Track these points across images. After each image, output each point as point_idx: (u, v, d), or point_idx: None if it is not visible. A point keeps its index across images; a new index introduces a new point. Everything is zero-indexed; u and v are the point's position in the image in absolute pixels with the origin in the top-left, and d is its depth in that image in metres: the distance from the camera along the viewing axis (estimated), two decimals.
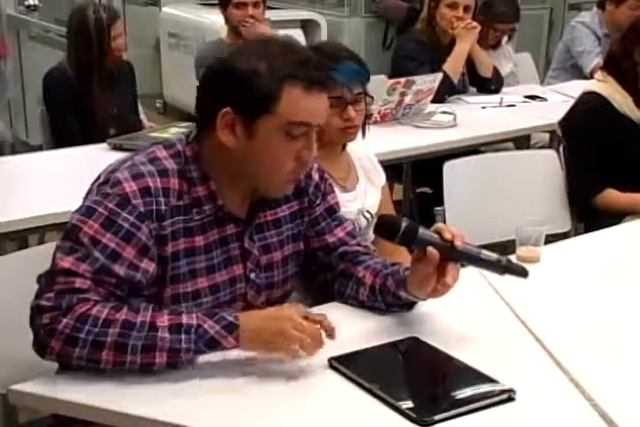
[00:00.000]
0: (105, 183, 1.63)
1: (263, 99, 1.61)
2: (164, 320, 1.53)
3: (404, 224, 1.69)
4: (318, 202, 1.89)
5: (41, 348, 1.55)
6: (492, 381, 1.54)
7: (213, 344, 1.54)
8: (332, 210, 1.92)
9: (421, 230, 1.69)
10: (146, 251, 1.62)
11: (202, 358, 1.57)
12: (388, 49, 5.91)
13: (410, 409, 1.45)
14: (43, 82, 3.69)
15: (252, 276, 1.77)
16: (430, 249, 1.66)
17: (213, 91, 1.66)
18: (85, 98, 3.57)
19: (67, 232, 1.62)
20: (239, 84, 1.61)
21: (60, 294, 1.54)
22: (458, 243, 1.68)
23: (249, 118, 1.62)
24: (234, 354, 1.59)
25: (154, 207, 1.62)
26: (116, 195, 1.60)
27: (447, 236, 1.68)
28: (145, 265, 1.62)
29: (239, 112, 1.62)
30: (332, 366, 1.59)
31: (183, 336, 1.52)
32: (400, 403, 1.47)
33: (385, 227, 1.73)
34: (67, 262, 1.57)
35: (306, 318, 1.58)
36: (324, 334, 1.58)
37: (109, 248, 1.58)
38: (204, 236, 1.70)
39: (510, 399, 1.50)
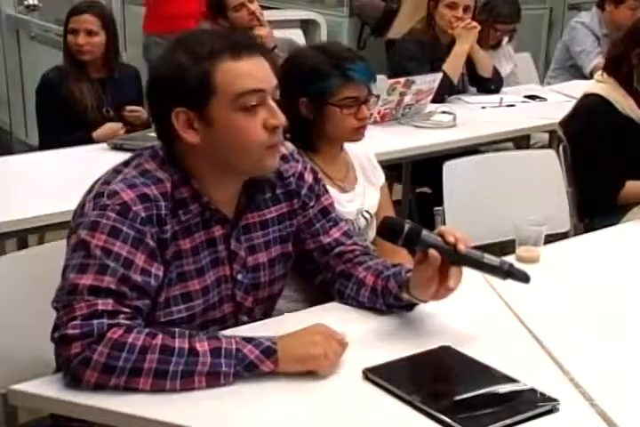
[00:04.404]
0: (100, 195, 1.61)
1: (200, 85, 1.60)
2: (203, 345, 1.51)
3: (406, 226, 1.68)
4: (312, 204, 1.88)
5: (75, 379, 1.50)
6: (533, 391, 1.50)
7: (252, 368, 1.52)
8: (327, 211, 1.91)
9: (424, 233, 1.68)
10: (154, 255, 1.62)
11: None
12: (362, 50, 5.86)
13: (455, 422, 1.41)
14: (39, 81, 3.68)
15: (239, 277, 1.77)
16: (432, 251, 1.66)
17: (156, 98, 1.67)
18: (73, 98, 3.52)
19: (74, 249, 1.59)
20: (173, 83, 1.61)
21: (87, 321, 1.50)
22: (461, 246, 1.67)
23: (200, 109, 1.62)
24: None
25: (154, 212, 1.61)
26: (116, 204, 1.59)
27: (450, 239, 1.67)
28: (155, 270, 1.62)
29: (188, 108, 1.62)
30: (366, 378, 1.55)
31: (223, 360, 1.51)
32: (444, 416, 1.42)
33: (388, 229, 1.72)
34: (87, 280, 1.54)
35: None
36: None
37: (122, 256, 1.57)
38: (189, 238, 1.68)
39: (553, 410, 1.47)
